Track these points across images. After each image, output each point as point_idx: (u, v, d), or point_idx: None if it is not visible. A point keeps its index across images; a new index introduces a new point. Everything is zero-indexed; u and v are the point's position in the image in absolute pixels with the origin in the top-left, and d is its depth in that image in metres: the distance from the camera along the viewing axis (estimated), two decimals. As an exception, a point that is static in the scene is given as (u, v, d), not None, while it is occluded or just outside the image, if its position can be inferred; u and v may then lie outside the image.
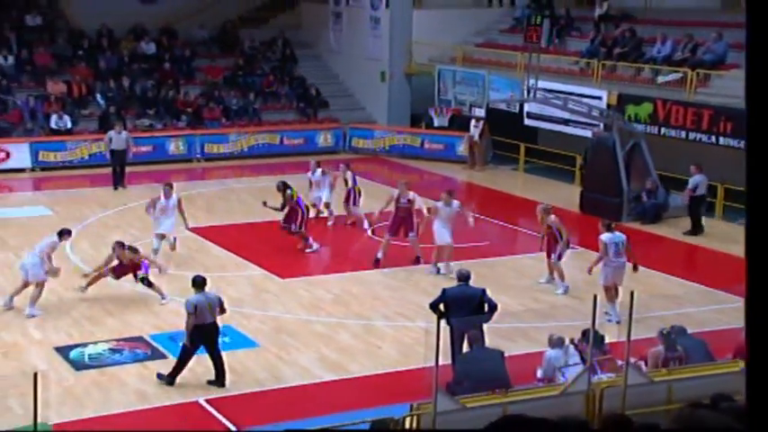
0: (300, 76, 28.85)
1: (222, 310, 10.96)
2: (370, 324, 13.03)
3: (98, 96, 25.73)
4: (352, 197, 18.14)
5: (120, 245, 13.75)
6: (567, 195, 20.89)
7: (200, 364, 11.37)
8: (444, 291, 10.81)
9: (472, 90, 25.89)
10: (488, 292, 10.79)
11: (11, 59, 25.80)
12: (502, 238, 18.41)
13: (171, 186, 15.79)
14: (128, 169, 21.93)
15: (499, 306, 10.92)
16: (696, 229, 18.25)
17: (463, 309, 10.58)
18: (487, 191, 22.71)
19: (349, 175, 18.33)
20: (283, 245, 16.91)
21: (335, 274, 15.21)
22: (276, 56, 29.41)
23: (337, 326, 12.87)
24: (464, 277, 10.89)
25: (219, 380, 10.82)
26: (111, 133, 21.67)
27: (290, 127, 26.67)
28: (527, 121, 24.24)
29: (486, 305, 10.67)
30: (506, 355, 10.10)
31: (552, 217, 14.45)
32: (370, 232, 17.62)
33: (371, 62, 28.03)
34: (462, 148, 25.25)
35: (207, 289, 11.00)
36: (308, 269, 15.82)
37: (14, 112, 24.38)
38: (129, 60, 27.13)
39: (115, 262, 13.71)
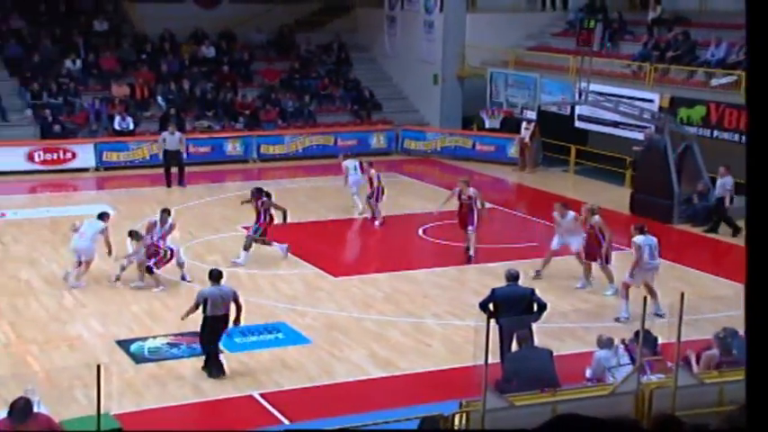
0: (355, 79, 28.98)
1: (237, 305, 11.08)
2: (421, 322, 13.05)
3: (159, 98, 26.14)
4: (375, 194, 18.22)
5: (131, 234, 14.39)
6: (617, 197, 20.68)
7: (253, 358, 11.51)
8: (494, 291, 10.78)
9: (523, 93, 25.77)
10: (537, 292, 10.74)
11: (79, 63, 26.36)
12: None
13: (168, 212, 14.98)
14: (186, 169, 22.23)
15: (548, 306, 10.86)
16: (735, 230, 17.97)
17: (512, 308, 10.55)
18: (538, 192, 22.57)
19: (373, 173, 18.42)
20: (336, 244, 17.00)
21: (387, 272, 15.26)
22: (331, 59, 29.57)
23: (388, 324, 12.92)
24: (513, 277, 10.85)
25: (208, 368, 10.88)
26: (165, 134, 21.98)
27: (344, 129, 26.79)
28: (578, 124, 24.03)
29: (535, 305, 10.62)
30: (555, 354, 10.05)
31: (596, 218, 14.25)
32: (421, 232, 17.62)
33: (425, 65, 28.03)
34: (513, 150, 25.13)
35: (233, 286, 11.08)
36: (359, 268, 15.90)
37: (81, 114, 24.91)
38: (189, 63, 27.51)
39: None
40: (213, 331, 11.00)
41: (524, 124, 24.84)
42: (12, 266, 15.27)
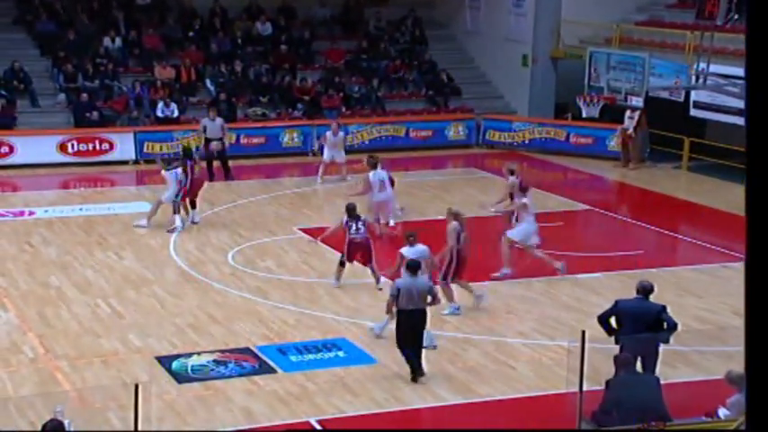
0: (431, 61, 28.97)
1: (433, 299, 11.58)
2: (503, 341, 12.98)
3: (208, 82, 26.53)
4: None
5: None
6: (740, 199, 20.24)
7: (310, 379, 11.58)
8: (617, 303, 10.66)
9: (629, 76, 25.27)
10: (669, 310, 10.53)
11: (118, 42, 26.90)
12: (659, 247, 18.03)
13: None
14: (234, 162, 22.47)
15: (679, 326, 10.69)
16: None
17: (637, 325, 10.42)
18: (643, 192, 22.29)
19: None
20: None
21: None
22: (404, 37, 29.61)
23: (465, 342, 12.87)
24: (645, 290, 10.68)
25: (416, 374, 11.43)
26: (205, 121, 22.25)
27: (417, 118, 26.82)
28: (693, 112, 23.64)
29: (664, 324, 10.45)
30: (663, 382, 9.88)
31: (454, 224, 13.81)
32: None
33: (512, 44, 27.90)
34: (615, 143, 24.82)
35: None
36: (432, 278, 15.85)
37: (120, 100, 25.41)
38: (242, 43, 27.87)
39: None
40: (405, 329, 11.30)
41: (628, 113, 24.49)
42: (41, 272, 15.66)
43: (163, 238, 17.44)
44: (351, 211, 15.19)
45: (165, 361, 12.09)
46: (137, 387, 7.53)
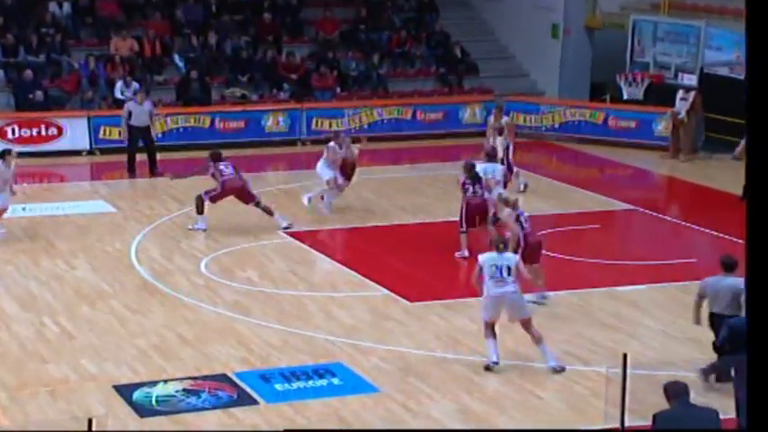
0: (442, 32, 28.97)
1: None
2: (528, 366, 12.98)
3: (176, 57, 26.59)
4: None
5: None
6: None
7: (300, 411, 11.59)
8: (728, 324, 10.72)
9: (680, 49, 25.45)
10: None
11: (67, 8, 26.92)
12: (715, 255, 17.92)
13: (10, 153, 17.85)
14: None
15: None
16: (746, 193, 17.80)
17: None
18: (697, 189, 22.28)
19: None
20: (413, 257, 17.01)
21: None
22: (410, 4, 29.62)
23: (483, 367, 12.87)
24: None
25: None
26: (131, 105, 22.28)
27: (426, 100, 26.83)
28: (757, 93, 23.66)
29: None
30: (723, 417, 9.87)
31: (507, 211, 14.95)
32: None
33: (540, 12, 27.95)
34: (663, 128, 24.80)
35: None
36: (445, 290, 15.89)
37: (70, 78, 25.44)
38: (216, 10, 27.89)
39: None
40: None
41: (680, 93, 24.51)
42: (-24, 283, 15.69)
43: (122, 244, 17.45)
44: (469, 169, 16.26)
45: (124, 390, 12.08)
46: (90, 422, 7.54)
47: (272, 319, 14.34)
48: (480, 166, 17.13)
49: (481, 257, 12.76)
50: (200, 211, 17.96)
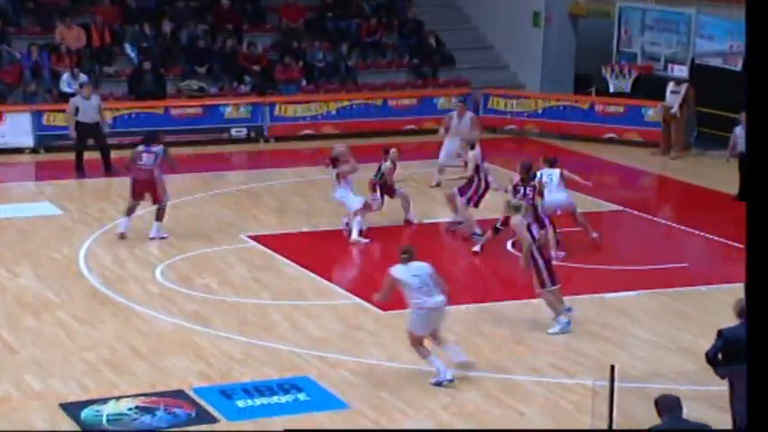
0: (415, 20, 29.03)
1: None
2: (510, 379, 12.98)
3: (128, 47, 26.50)
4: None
5: None
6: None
7: (259, 427, 11.54)
8: (721, 333, 10.72)
9: (670, 38, 25.57)
10: None
11: (7, -8, 26.81)
12: (709, 259, 18.14)
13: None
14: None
15: None
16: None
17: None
18: (689, 188, 22.39)
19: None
20: (386, 263, 16.98)
21: (461, 305, 15.20)
22: (379, -10, 29.70)
23: (462, 380, 12.86)
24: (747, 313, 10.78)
25: None
26: (77, 100, 22.17)
27: (398, 93, 26.86)
28: (752, 85, 23.81)
29: None
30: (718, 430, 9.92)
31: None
32: (510, 246, 17.54)
33: (520, -1, 28.01)
34: (651, 114, 24.87)
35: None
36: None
37: (11, 69, 25.30)
38: (172, -4, 27.86)
39: None
40: None
41: (671, 86, 24.63)
42: None
43: (70, 249, 17.35)
44: (527, 169, 16.67)
45: (72, 409, 11.99)
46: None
47: (234, 329, 14.27)
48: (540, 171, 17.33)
49: (394, 271, 12.69)
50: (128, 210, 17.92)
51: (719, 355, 10.62)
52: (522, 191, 16.62)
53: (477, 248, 17.29)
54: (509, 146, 25.28)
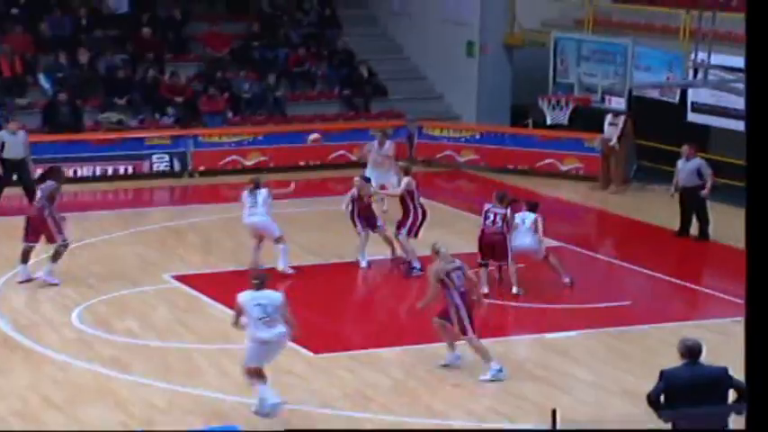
0: (345, 49, 29.07)
1: None
2: (448, 425, 12.91)
3: (41, 78, 26.23)
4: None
5: None
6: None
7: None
8: (664, 374, 10.67)
9: (607, 69, 25.59)
10: (732, 372, 10.63)
11: None
12: (652, 297, 18.25)
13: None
14: (79, 185, 22.20)
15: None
16: (683, 229, 20.63)
17: (696, 398, 10.41)
18: (630, 223, 22.55)
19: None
20: (320, 302, 16.91)
21: (398, 347, 15.13)
22: (310, 18, 29.73)
23: (397, 427, 12.77)
24: (693, 352, 10.72)
25: None
26: (3, 134, 21.98)
27: (329, 126, 26.77)
28: (692, 117, 24.06)
29: (732, 391, 10.49)
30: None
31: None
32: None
33: (453, 28, 28.19)
34: (596, 143, 24.97)
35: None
36: (354, 340, 15.76)
37: None
38: (88, 24, 27.62)
39: None
40: None
41: (609, 118, 24.78)
42: None
43: (-19, 291, 17.05)
44: (501, 198, 17.21)
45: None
46: None
47: (156, 376, 14.08)
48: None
49: (240, 295, 12.71)
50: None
51: (662, 398, 10.60)
52: (492, 217, 16.93)
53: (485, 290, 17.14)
54: (444, 179, 25.32)
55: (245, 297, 12.52)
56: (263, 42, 28.59)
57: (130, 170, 24.70)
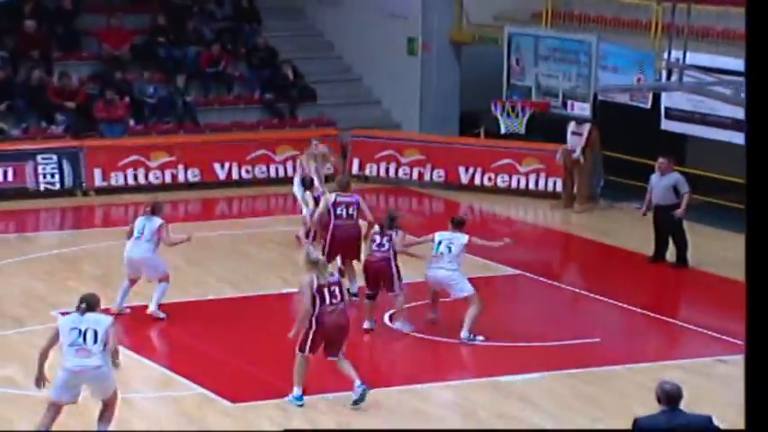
0: (267, 47, 28.98)
1: None
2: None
3: None
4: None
5: None
6: (740, 256, 20.66)
7: None
8: (637, 422, 10.66)
9: (569, 70, 25.78)
10: (716, 421, 10.66)
11: None
12: (624, 333, 18.34)
13: None
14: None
15: None
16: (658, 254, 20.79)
17: None
18: (597, 247, 22.61)
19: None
20: (239, 342, 16.84)
21: (327, 394, 15.05)
22: (224, 10, 29.65)
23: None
24: (672, 398, 10.73)
25: None
26: None
27: (249, 135, 26.74)
28: (666, 124, 24.20)
29: None
30: None
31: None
32: (387, 319, 17.46)
33: (393, 21, 28.25)
34: (559, 157, 25.07)
35: None
36: (278, 385, 15.64)
37: None
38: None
39: None
40: None
41: (571, 126, 24.88)
42: None
43: None
44: (390, 219, 17.12)
45: None
46: None
47: None
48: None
49: (61, 320, 12.86)
50: None
51: None
52: (377, 239, 16.91)
53: (366, 325, 17.18)
54: (390, 196, 25.33)
55: (62, 320, 12.66)
56: (170, 38, 28.38)
57: (13, 188, 24.48)
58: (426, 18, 27.81)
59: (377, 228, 17.23)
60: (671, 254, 20.94)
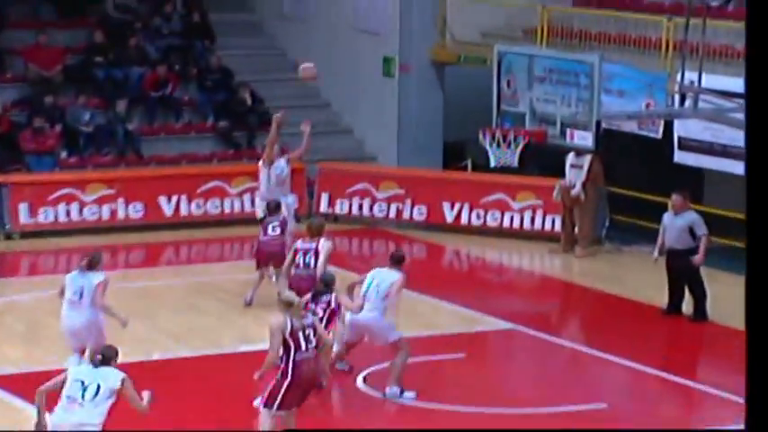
0: (221, 67, 28.97)
1: None
2: None
3: None
4: None
5: None
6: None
7: None
8: None
9: (568, 94, 25.78)
10: None
11: None
12: (634, 397, 18.26)
13: None
14: None
15: None
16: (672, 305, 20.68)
17: None
18: (602, 298, 22.58)
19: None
20: (195, 407, 16.74)
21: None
22: (172, 25, 29.61)
23: None
24: None
25: None
26: None
27: (201, 170, 26.61)
28: (680, 156, 24.18)
29: None
30: None
31: None
32: (361, 382, 17.28)
33: (366, 39, 28.37)
34: (556, 194, 25.00)
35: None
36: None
37: None
38: None
39: None
40: None
41: (570, 158, 24.87)
42: None
43: None
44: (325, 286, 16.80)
45: None
46: None
47: None
48: None
49: (71, 366, 13.31)
50: None
51: None
52: (312, 307, 16.38)
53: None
54: (365, 239, 25.25)
55: (73, 369, 13.04)
56: (109, 58, 28.32)
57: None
58: (404, 35, 27.87)
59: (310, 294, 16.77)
60: (687, 305, 20.84)
